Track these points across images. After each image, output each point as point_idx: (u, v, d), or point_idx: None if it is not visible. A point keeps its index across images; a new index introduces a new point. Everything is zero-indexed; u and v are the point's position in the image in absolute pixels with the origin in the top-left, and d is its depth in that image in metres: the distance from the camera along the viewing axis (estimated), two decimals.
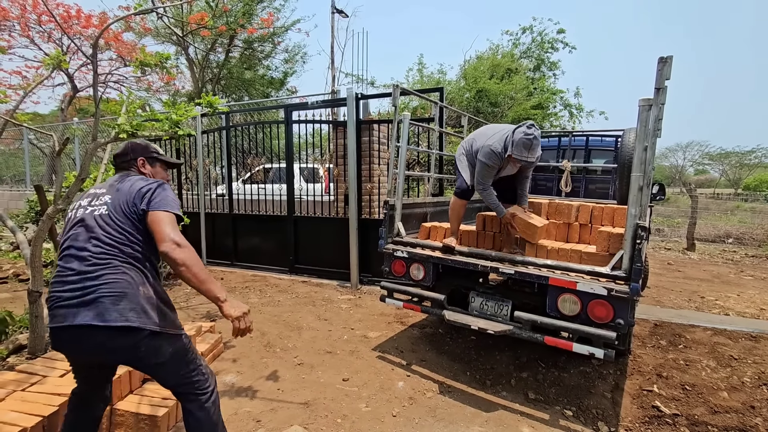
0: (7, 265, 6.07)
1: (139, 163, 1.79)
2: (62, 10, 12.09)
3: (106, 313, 1.41)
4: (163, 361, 1.54)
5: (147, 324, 1.47)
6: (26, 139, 12.50)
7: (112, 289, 1.44)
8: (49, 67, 3.30)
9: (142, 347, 1.47)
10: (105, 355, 1.50)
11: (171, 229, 1.51)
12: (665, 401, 2.71)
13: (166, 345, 1.54)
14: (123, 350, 1.47)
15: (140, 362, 1.55)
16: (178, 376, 1.60)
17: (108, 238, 1.51)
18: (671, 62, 2.24)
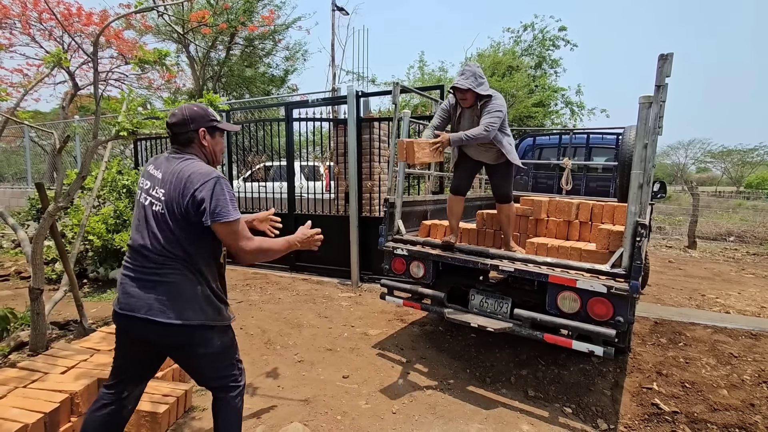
0: (9, 262, 6.10)
1: (200, 135, 1.65)
2: (63, 7, 12.09)
3: (165, 310, 1.51)
4: (211, 351, 1.62)
5: (201, 319, 1.56)
6: (27, 137, 12.52)
7: (170, 289, 1.53)
8: (49, 65, 3.30)
9: (195, 337, 1.58)
10: (158, 342, 1.60)
11: (234, 239, 1.54)
12: (665, 399, 2.71)
13: (216, 337, 1.63)
14: (176, 341, 1.58)
15: (189, 351, 1.61)
16: (220, 368, 1.67)
17: (164, 241, 1.54)
18: (672, 59, 2.23)
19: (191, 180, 1.52)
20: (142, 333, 1.56)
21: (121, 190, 5.21)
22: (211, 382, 1.69)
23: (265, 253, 1.61)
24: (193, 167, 1.56)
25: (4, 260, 6.30)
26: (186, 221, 1.54)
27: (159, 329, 1.52)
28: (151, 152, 7.54)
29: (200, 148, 1.68)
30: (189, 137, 1.65)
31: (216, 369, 1.67)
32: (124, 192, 5.22)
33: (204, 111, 1.67)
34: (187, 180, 1.52)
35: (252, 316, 4.12)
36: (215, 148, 1.73)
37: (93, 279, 5.13)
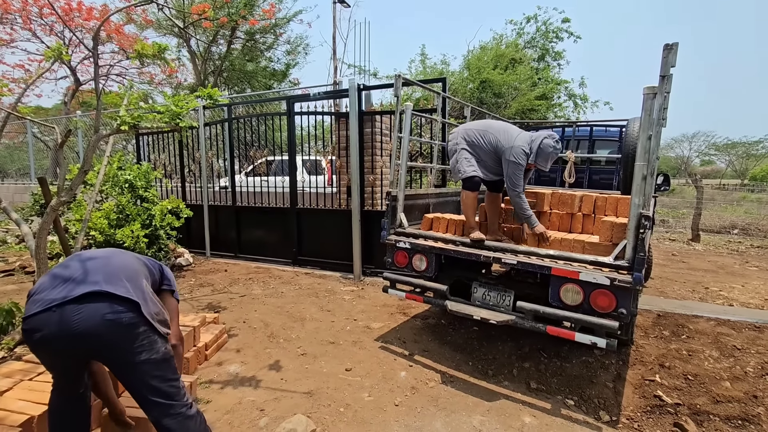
0: (13, 257, 6.13)
1: None
2: (63, 2, 12.04)
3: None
4: (155, 358, 1.55)
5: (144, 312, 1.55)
6: (30, 132, 12.53)
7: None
8: (50, 59, 3.30)
9: (138, 335, 1.52)
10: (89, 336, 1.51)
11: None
12: (667, 391, 2.71)
13: (160, 343, 1.58)
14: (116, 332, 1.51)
15: (128, 351, 1.51)
16: (164, 382, 1.57)
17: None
18: (677, 49, 2.21)
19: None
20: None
21: (123, 185, 5.22)
22: (153, 397, 1.56)
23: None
24: None
25: (9, 255, 6.34)
26: None
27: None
28: (153, 147, 7.54)
29: None
30: None
31: (160, 381, 1.58)
32: (126, 187, 5.24)
33: None
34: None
35: (255, 310, 4.14)
36: None
37: None
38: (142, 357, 1.52)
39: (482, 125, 3.26)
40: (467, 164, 3.17)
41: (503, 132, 3.10)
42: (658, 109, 2.27)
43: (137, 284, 1.63)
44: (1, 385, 2.05)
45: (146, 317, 1.55)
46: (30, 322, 1.48)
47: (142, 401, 1.56)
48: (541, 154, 2.93)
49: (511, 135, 3.05)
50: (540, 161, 2.96)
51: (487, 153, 3.13)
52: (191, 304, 4.33)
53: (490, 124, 3.23)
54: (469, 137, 3.22)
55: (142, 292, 1.61)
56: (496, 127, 3.20)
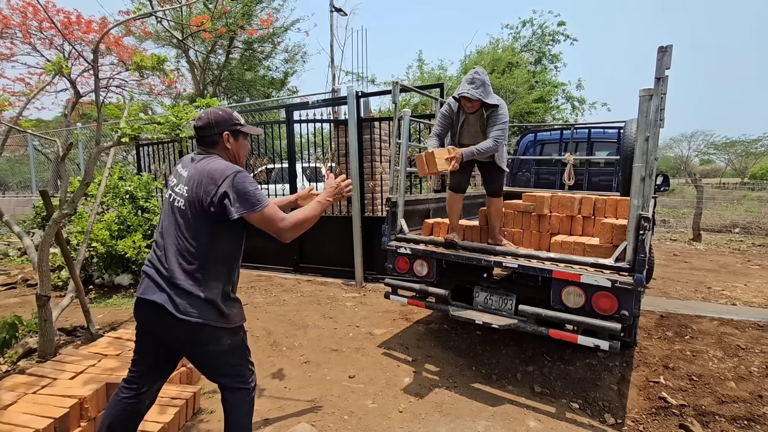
0: (16, 270, 6.14)
1: (224, 138, 1.70)
2: (62, 16, 12.17)
3: (174, 302, 1.55)
4: (221, 349, 1.64)
5: (206, 320, 1.58)
6: (31, 145, 12.60)
7: (179, 285, 1.56)
8: (50, 73, 3.33)
9: (202, 335, 1.59)
10: (167, 333, 1.62)
11: (269, 223, 1.61)
12: (672, 392, 2.70)
13: (226, 336, 1.65)
14: (184, 336, 1.60)
15: (198, 348, 1.64)
16: (230, 366, 1.69)
17: (180, 238, 1.60)
18: (671, 51, 2.23)
19: (212, 176, 1.57)
20: (154, 320, 1.60)
21: (123, 196, 5.24)
22: (221, 380, 1.71)
23: (303, 224, 1.67)
24: (214, 164, 1.61)
25: (11, 268, 6.34)
26: (206, 219, 1.58)
27: (168, 319, 1.55)
28: (153, 157, 7.58)
29: (224, 151, 1.74)
30: (214, 140, 1.71)
31: (226, 366, 1.69)
32: (127, 198, 5.25)
33: (228, 115, 1.73)
34: (207, 176, 1.57)
35: (257, 318, 4.14)
36: (239, 151, 1.80)
37: (99, 285, 5.16)
38: (209, 348, 1.63)
39: None
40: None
41: None
42: (654, 110, 2.29)
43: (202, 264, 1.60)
44: (5, 398, 2.05)
45: (205, 323, 1.58)
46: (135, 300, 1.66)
47: (211, 380, 1.74)
48: (461, 84, 2.88)
49: None
50: (460, 89, 2.85)
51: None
52: None
53: None
54: None
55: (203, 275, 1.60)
56: None
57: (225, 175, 1.56)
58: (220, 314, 1.62)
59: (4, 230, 10.75)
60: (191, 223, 1.59)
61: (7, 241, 9.16)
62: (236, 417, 1.72)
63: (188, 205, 1.60)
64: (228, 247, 1.67)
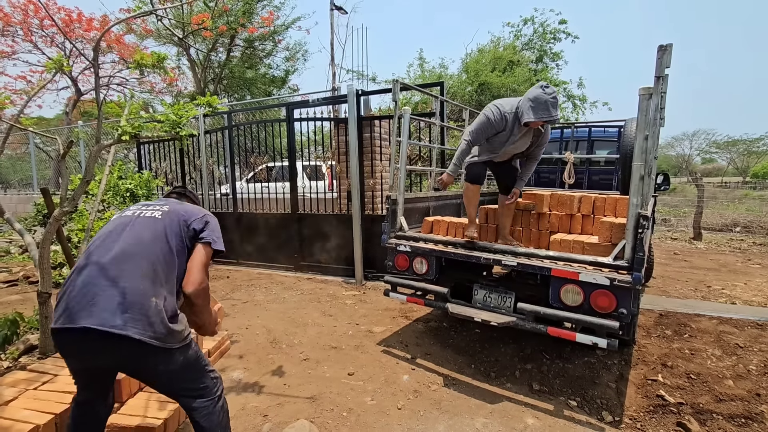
0: (17, 267, 6.16)
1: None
2: (63, 14, 12.17)
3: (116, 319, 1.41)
4: (173, 368, 1.53)
5: (155, 339, 1.44)
6: (32, 143, 12.62)
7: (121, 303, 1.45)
8: (51, 71, 3.34)
9: (150, 357, 1.47)
10: (110, 358, 1.49)
11: (201, 266, 1.68)
12: (670, 390, 2.71)
13: (177, 354, 1.53)
14: (130, 356, 1.46)
15: (146, 369, 1.53)
16: (186, 381, 1.60)
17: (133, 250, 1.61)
18: (671, 50, 2.23)
19: (192, 209, 1.77)
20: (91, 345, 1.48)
21: (124, 194, 5.26)
22: (184, 400, 1.62)
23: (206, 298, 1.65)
24: (191, 205, 1.86)
25: (12, 265, 6.37)
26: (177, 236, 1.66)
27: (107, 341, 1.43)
28: (153, 155, 7.59)
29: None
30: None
31: (183, 381, 1.60)
32: (127, 196, 5.27)
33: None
34: (188, 208, 1.78)
35: (257, 316, 4.15)
36: None
37: None
38: (159, 369, 1.51)
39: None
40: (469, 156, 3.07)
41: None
42: (654, 109, 2.29)
43: (146, 303, 1.46)
44: (7, 394, 2.07)
45: (154, 344, 1.43)
46: (55, 332, 1.44)
47: (172, 399, 1.68)
48: (534, 104, 2.62)
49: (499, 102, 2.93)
50: (539, 113, 2.62)
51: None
52: None
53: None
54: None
55: (147, 311, 1.45)
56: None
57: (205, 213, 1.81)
58: (168, 332, 1.48)
59: (5, 228, 10.78)
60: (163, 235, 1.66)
61: (8, 238, 9.19)
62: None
63: (166, 218, 1.71)
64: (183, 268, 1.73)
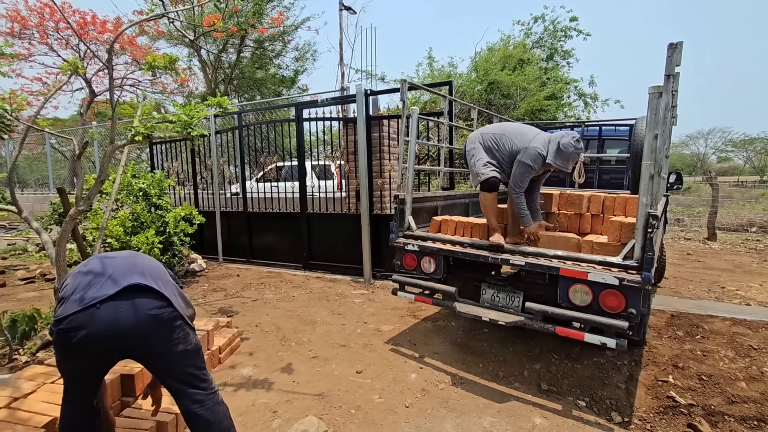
0: (34, 265, 6.31)
1: None
2: (78, 16, 12.40)
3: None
4: (189, 349, 1.63)
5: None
6: (48, 143, 12.89)
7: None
8: (67, 72, 3.42)
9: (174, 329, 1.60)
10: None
11: None
12: (681, 391, 2.68)
13: (192, 335, 1.66)
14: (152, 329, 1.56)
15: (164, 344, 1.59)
16: (194, 367, 1.65)
17: None
18: (681, 48, 2.20)
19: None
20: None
21: (137, 193, 5.35)
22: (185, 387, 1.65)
23: None
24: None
25: (29, 263, 6.52)
26: None
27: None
28: (165, 155, 7.71)
29: None
30: None
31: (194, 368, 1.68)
32: (140, 195, 5.36)
33: None
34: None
35: (267, 314, 4.20)
36: None
37: None
38: (179, 348, 1.59)
39: (498, 129, 3.19)
40: (484, 166, 3.08)
41: (519, 134, 3.05)
42: (664, 107, 2.26)
43: (166, 281, 1.69)
44: (25, 388, 2.13)
45: (180, 312, 1.62)
46: (71, 320, 1.47)
47: (175, 391, 1.64)
48: (560, 154, 2.84)
49: (527, 137, 3.00)
50: (559, 161, 2.86)
51: (504, 156, 3.07)
52: (205, 308, 4.41)
53: (505, 128, 3.17)
54: (485, 141, 3.14)
55: (171, 288, 1.69)
56: (511, 129, 3.14)
57: None
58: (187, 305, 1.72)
59: (22, 226, 11.04)
60: None
61: (26, 236, 9.41)
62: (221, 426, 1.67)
63: None
64: None
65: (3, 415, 1.91)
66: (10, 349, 2.96)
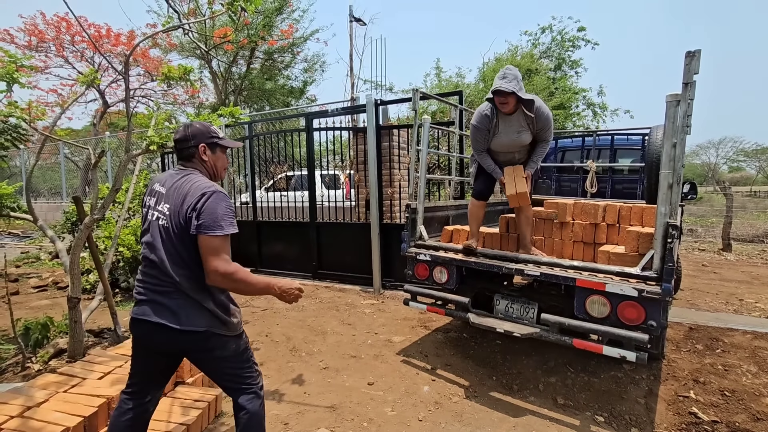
0: (47, 273, 6.37)
1: (200, 150, 1.73)
2: (93, 30, 12.71)
3: (175, 316, 1.56)
4: (227, 354, 1.66)
5: (209, 327, 1.60)
6: (62, 153, 13.12)
7: (177, 301, 1.58)
8: (84, 84, 3.48)
9: (209, 342, 1.61)
10: (170, 346, 1.62)
11: (212, 254, 1.52)
12: (703, 408, 2.60)
13: (231, 341, 1.67)
14: (189, 346, 1.61)
15: (204, 355, 1.65)
16: (237, 370, 1.70)
17: (168, 259, 1.57)
18: (699, 56, 2.18)
19: (190, 194, 1.57)
20: (157, 338, 1.60)
21: None
22: (229, 384, 1.71)
23: (238, 283, 1.55)
24: (192, 181, 1.62)
25: (42, 271, 6.59)
26: (188, 236, 1.56)
27: (171, 334, 1.56)
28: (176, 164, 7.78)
29: (201, 163, 1.75)
30: (190, 152, 1.73)
31: (233, 370, 1.69)
32: None
33: (205, 128, 1.75)
34: (186, 194, 1.58)
35: (277, 324, 4.18)
36: (216, 163, 1.80)
37: (124, 288, 5.30)
38: (215, 354, 1.64)
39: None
40: (475, 181, 3.29)
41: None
42: (682, 116, 2.23)
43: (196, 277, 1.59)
44: (38, 397, 2.13)
45: (212, 332, 1.60)
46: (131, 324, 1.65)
47: (220, 385, 1.74)
48: (495, 82, 2.79)
49: None
50: (494, 87, 2.79)
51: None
52: None
53: None
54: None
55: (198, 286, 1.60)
56: None
57: (201, 193, 1.56)
58: (223, 323, 1.64)
59: (35, 234, 11.19)
60: (176, 241, 1.57)
61: (38, 245, 9.53)
62: (250, 428, 1.70)
63: (171, 223, 1.57)
64: None
65: (16, 425, 1.90)
66: (23, 357, 2.97)
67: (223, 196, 1.59)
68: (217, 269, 1.51)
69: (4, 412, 1.98)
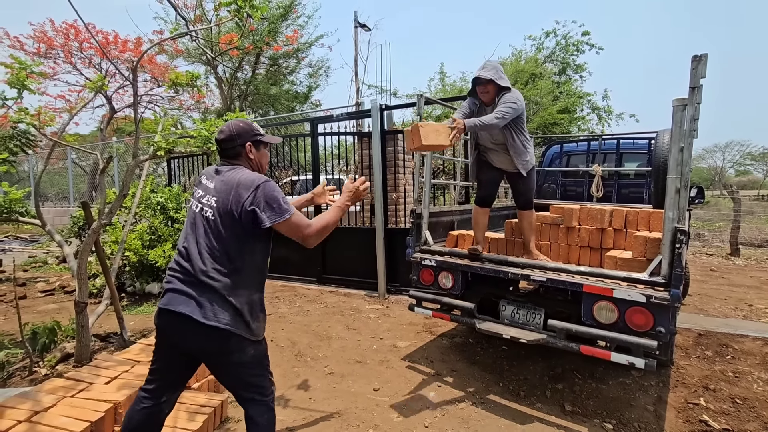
0: (54, 277, 6.41)
1: (247, 148, 1.77)
2: (101, 37, 12.87)
3: (202, 310, 1.56)
4: (245, 360, 1.65)
5: (236, 329, 1.59)
6: (70, 158, 13.25)
7: (210, 295, 1.58)
8: (92, 90, 3.52)
9: (230, 344, 1.60)
10: (193, 342, 1.61)
11: (296, 231, 1.67)
12: (714, 415, 2.56)
13: (251, 347, 1.67)
14: (211, 345, 1.60)
15: (223, 358, 1.64)
16: (252, 377, 1.69)
17: (211, 248, 1.61)
18: (706, 60, 2.17)
19: (243, 186, 1.62)
20: (179, 330, 1.60)
21: (155, 207, 5.43)
22: (242, 391, 1.70)
23: (326, 229, 1.72)
24: (243, 175, 1.67)
25: (49, 275, 6.63)
26: (237, 228, 1.61)
27: (194, 328, 1.55)
28: (183, 170, 7.84)
29: (247, 161, 1.80)
30: (237, 151, 1.77)
31: (248, 377, 1.68)
32: (158, 209, 5.44)
33: (249, 126, 1.80)
34: (238, 187, 1.62)
35: (282, 329, 4.17)
36: (261, 160, 1.85)
37: (130, 293, 5.33)
38: (233, 358, 1.63)
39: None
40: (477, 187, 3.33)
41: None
42: (689, 120, 2.22)
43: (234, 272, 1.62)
44: (46, 401, 2.13)
45: (234, 332, 1.59)
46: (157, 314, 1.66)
47: (233, 393, 1.73)
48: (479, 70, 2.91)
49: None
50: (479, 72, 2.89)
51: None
52: None
53: None
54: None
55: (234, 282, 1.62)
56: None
57: (255, 185, 1.61)
58: (247, 326, 1.64)
59: (43, 239, 11.28)
60: (222, 234, 1.61)
61: (46, 249, 9.60)
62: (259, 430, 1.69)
63: (218, 216, 1.62)
64: (258, 257, 1.70)
65: (24, 430, 1.91)
66: (30, 362, 2.99)
67: (273, 184, 1.67)
68: (308, 235, 1.68)
69: (12, 417, 1.99)
